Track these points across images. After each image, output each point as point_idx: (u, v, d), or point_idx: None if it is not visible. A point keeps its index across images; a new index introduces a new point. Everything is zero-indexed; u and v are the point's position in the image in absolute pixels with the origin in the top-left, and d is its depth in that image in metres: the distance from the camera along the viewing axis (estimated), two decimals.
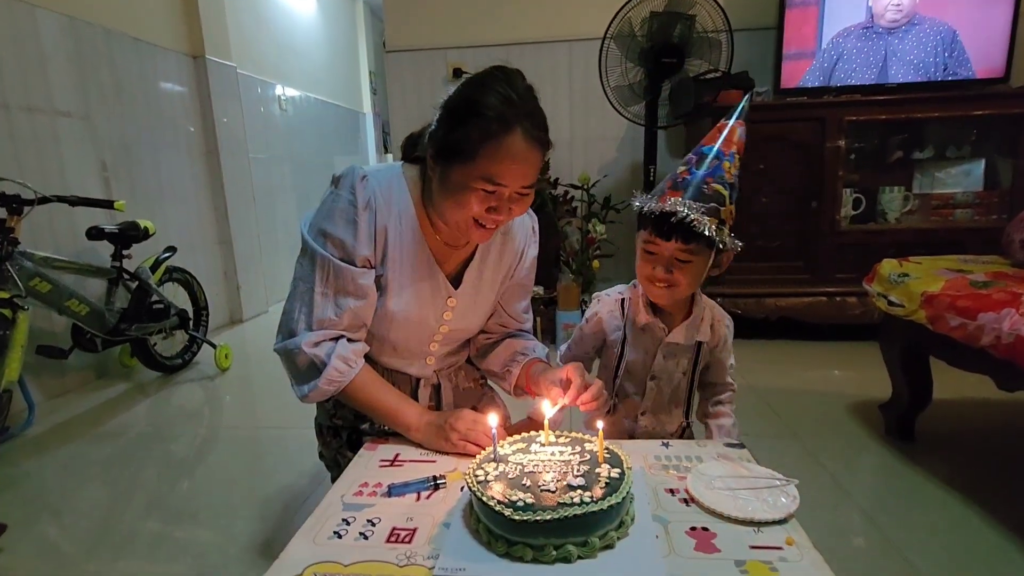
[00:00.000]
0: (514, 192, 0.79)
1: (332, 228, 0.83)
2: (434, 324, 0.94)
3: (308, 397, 0.86)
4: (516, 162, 0.76)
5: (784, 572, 0.58)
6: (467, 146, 0.76)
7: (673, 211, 0.80)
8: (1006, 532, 1.06)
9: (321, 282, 0.84)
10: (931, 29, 2.27)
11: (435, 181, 0.83)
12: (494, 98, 0.75)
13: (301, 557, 0.63)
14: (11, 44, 1.82)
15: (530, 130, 0.76)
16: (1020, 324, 0.93)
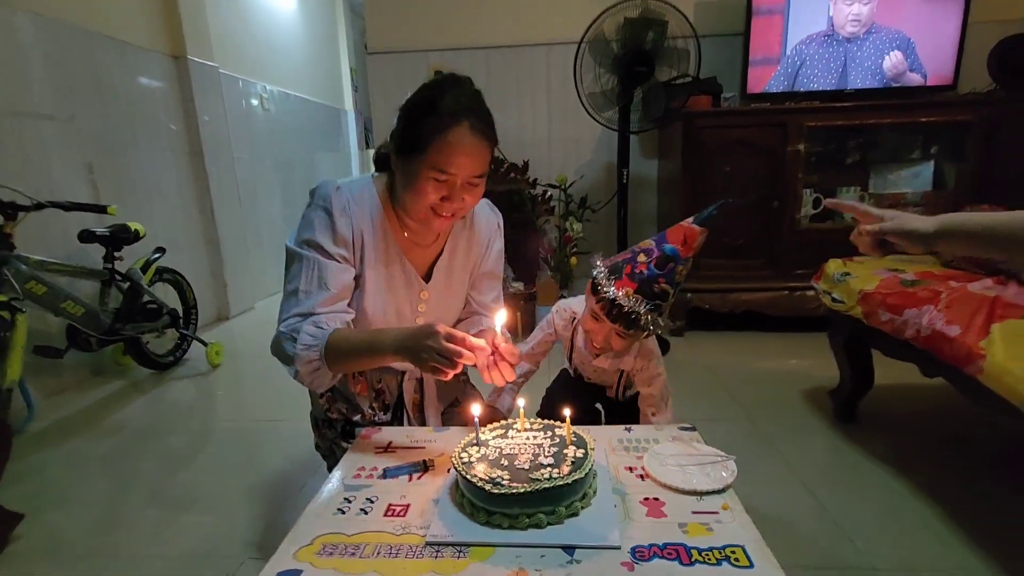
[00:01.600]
0: (464, 181, 0.90)
1: (312, 235, 0.94)
2: (410, 316, 1.06)
3: (298, 374, 0.91)
4: (463, 153, 0.87)
5: (718, 531, 0.70)
6: (421, 140, 0.87)
7: (629, 306, 0.94)
8: (929, 500, 1.20)
9: (306, 280, 0.93)
10: (887, 37, 2.42)
11: (398, 175, 0.94)
12: (445, 98, 0.87)
13: (310, 529, 0.73)
14: None
15: (476, 124, 0.87)
16: (936, 319, 1.07)
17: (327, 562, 0.67)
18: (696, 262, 1.04)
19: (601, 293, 0.96)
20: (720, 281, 2.41)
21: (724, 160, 2.31)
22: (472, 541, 0.69)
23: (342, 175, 4.85)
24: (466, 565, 0.65)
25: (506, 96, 2.81)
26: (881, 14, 2.38)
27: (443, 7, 2.74)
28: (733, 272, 2.41)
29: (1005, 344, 0.91)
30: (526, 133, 2.82)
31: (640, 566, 0.64)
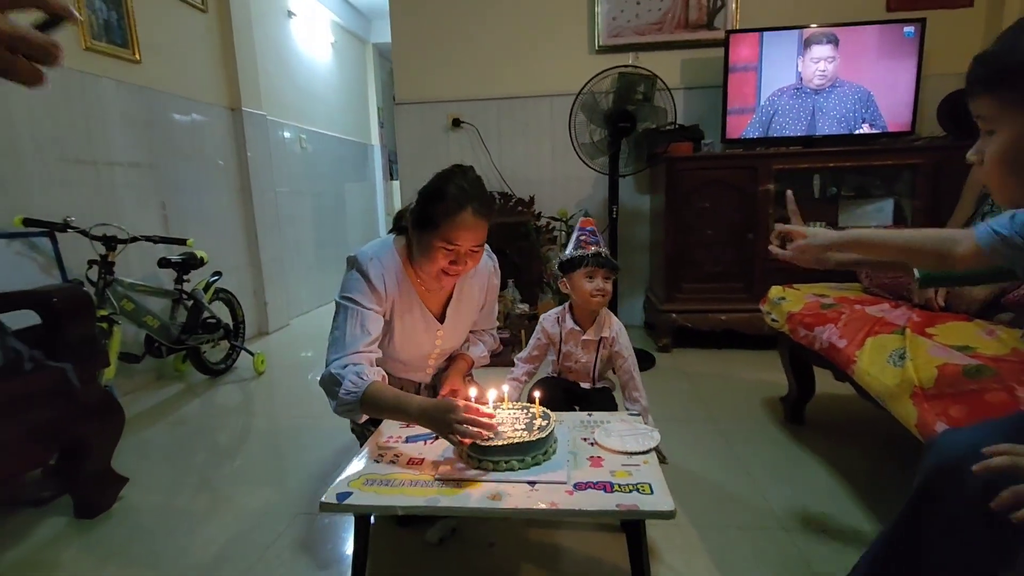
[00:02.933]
0: (468, 250, 1.19)
1: (354, 294, 1.25)
2: (428, 349, 1.40)
3: (337, 409, 1.18)
4: (467, 229, 1.16)
5: (635, 475, 1.02)
6: (433, 219, 1.17)
7: (601, 252, 1.40)
8: (842, 479, 1.48)
9: (351, 327, 1.21)
10: (850, 91, 2.73)
11: (415, 245, 1.25)
12: (452, 187, 1.18)
13: (355, 472, 1.07)
14: (91, 110, 2.28)
15: (478, 208, 1.17)
16: (833, 335, 1.37)
17: (369, 488, 1.00)
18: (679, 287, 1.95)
19: (580, 256, 1.41)
20: (702, 303, 2.71)
21: (702, 197, 2.64)
22: (466, 478, 1.01)
23: (368, 204, 5.29)
24: (462, 491, 0.98)
25: (515, 139, 3.18)
26: (844, 70, 2.71)
27: (460, 64, 3.14)
28: (713, 295, 2.71)
29: (870, 352, 1.21)
30: (532, 171, 3.18)
31: (577, 493, 0.96)
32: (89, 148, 2.25)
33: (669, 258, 2.71)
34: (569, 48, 3.08)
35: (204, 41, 2.94)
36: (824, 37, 2.68)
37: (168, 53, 2.67)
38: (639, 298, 3.27)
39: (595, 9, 3.02)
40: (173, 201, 2.70)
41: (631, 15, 3.02)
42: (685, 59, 3.04)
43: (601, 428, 1.19)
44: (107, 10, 2.34)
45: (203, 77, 2.93)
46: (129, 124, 2.45)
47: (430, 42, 3.15)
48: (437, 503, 0.95)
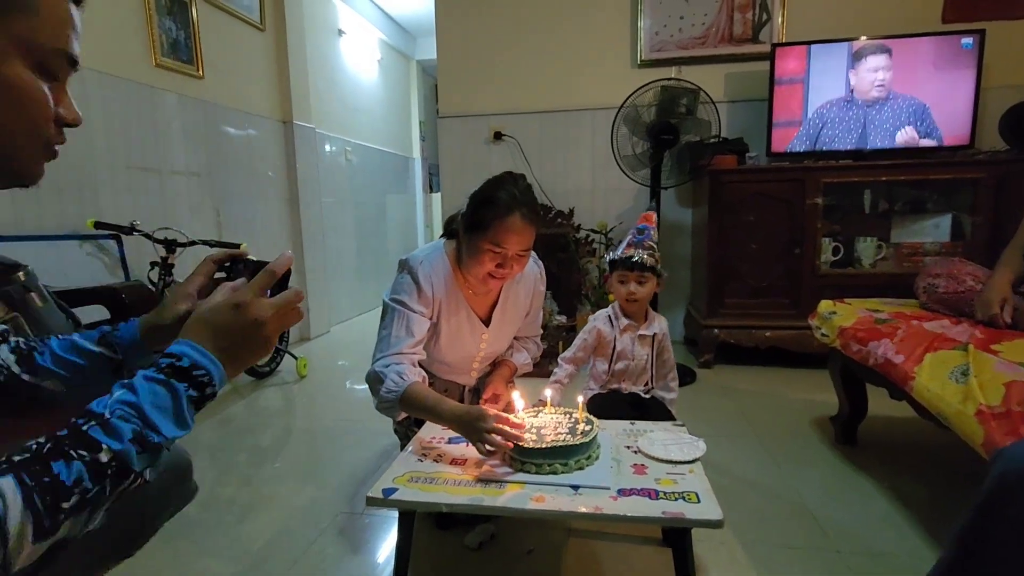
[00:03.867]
0: (515, 253, 1.21)
1: (403, 296, 1.29)
2: (473, 351, 1.42)
3: (379, 406, 1.23)
4: (515, 233, 1.19)
5: (681, 483, 1.00)
6: (483, 223, 1.20)
7: (635, 256, 1.40)
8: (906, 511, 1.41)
9: (396, 327, 1.28)
10: (904, 103, 2.65)
11: (464, 246, 1.28)
12: (503, 192, 1.21)
13: (400, 468, 1.08)
14: (158, 122, 2.42)
15: (526, 214, 1.20)
16: (889, 350, 1.31)
17: (413, 485, 1.01)
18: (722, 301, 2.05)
19: (618, 258, 1.44)
20: (746, 319, 2.64)
21: (747, 211, 2.59)
22: (509, 479, 1.01)
23: (408, 216, 5.39)
24: (505, 492, 0.98)
25: (555, 152, 3.21)
26: (898, 82, 2.63)
27: (503, 79, 3.20)
28: (758, 311, 2.64)
29: (930, 368, 1.16)
30: (572, 184, 3.20)
31: (621, 498, 0.95)
32: (154, 157, 2.39)
33: (712, 272, 2.66)
34: (611, 62, 3.10)
35: (261, 58, 3.09)
36: (877, 48, 2.62)
37: (227, 69, 2.82)
38: (680, 313, 3.22)
39: (638, 24, 3.04)
40: (226, 208, 2.83)
41: (674, 29, 3.02)
42: (729, 72, 3.01)
43: (645, 436, 1.18)
44: (176, 29, 2.50)
45: (258, 91, 3.08)
46: (189, 135, 2.59)
47: (474, 57, 3.22)
48: (480, 502, 0.95)
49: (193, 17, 2.57)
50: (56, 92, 0.53)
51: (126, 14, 2.24)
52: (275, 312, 0.58)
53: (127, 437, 0.48)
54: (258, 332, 0.57)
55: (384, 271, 4.52)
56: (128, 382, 0.52)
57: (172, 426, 0.51)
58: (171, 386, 0.51)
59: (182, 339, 0.55)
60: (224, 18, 2.80)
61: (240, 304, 0.56)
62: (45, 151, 0.54)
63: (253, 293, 0.57)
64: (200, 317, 0.57)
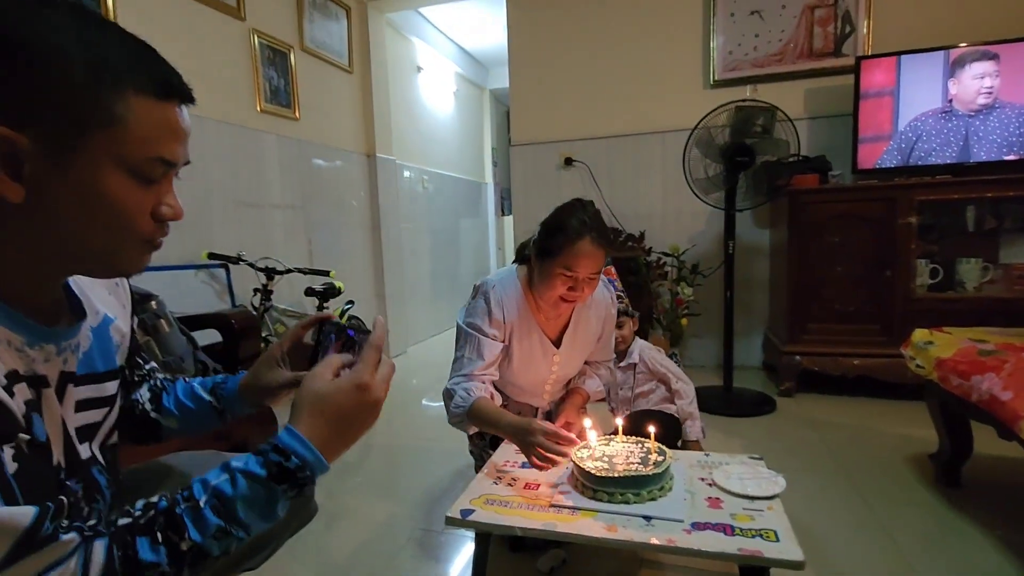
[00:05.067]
0: (586, 277, 1.25)
1: (476, 320, 1.37)
2: (545, 374, 1.46)
3: (450, 420, 1.35)
4: (586, 258, 1.23)
5: (759, 520, 0.98)
6: (555, 248, 1.25)
7: None
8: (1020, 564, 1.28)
9: (469, 350, 1.36)
10: (1012, 112, 2.44)
11: (536, 270, 1.33)
12: (574, 219, 1.26)
13: (476, 490, 1.13)
14: (261, 161, 2.68)
15: (595, 238, 1.25)
16: (995, 385, 1.21)
17: (489, 507, 1.06)
18: (805, 327, 2.20)
19: None
20: (831, 345, 2.50)
21: (831, 232, 2.47)
22: (581, 506, 1.04)
23: (481, 239, 5.56)
24: (577, 519, 1.01)
25: (625, 176, 3.22)
26: (1004, 90, 2.43)
27: (573, 105, 3.27)
28: (844, 337, 2.49)
29: None
30: (643, 207, 3.18)
31: (695, 532, 0.95)
32: (256, 193, 2.65)
33: (793, 296, 2.55)
34: (682, 84, 3.09)
35: (348, 97, 3.35)
36: (981, 55, 2.43)
37: (320, 110, 3.08)
38: (757, 338, 3.10)
39: (710, 44, 3.01)
40: (318, 238, 3.06)
41: (748, 48, 2.97)
42: (809, 88, 2.91)
43: (720, 469, 1.16)
44: (277, 77, 2.77)
45: (345, 128, 3.33)
46: (285, 172, 2.85)
47: (545, 86, 3.32)
48: (554, 528, 0.98)
49: (291, 65, 2.84)
50: (157, 191, 0.53)
51: (237, 67, 2.52)
52: (387, 388, 0.59)
53: (210, 531, 0.49)
54: (374, 410, 0.58)
55: (457, 293, 4.68)
56: (232, 468, 0.52)
57: (260, 521, 0.52)
58: (270, 488, 0.52)
59: (295, 427, 0.54)
60: (318, 64, 3.07)
61: (363, 386, 0.56)
62: (145, 247, 0.55)
63: (372, 372, 0.57)
64: (319, 397, 0.56)
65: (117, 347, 0.65)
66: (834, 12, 2.84)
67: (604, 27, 3.18)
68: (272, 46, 2.72)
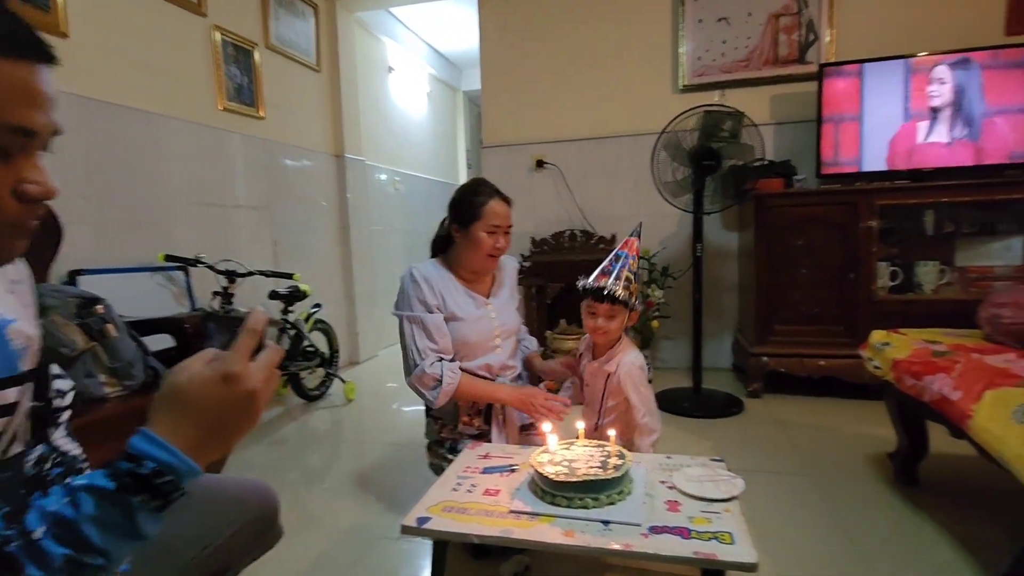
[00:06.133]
0: (503, 229, 1.48)
1: (410, 302, 1.47)
2: (487, 324, 1.54)
3: (438, 400, 1.41)
4: (500, 213, 1.47)
5: (716, 522, 0.97)
6: (474, 214, 1.46)
7: (605, 288, 1.34)
8: (972, 561, 1.31)
9: (411, 329, 1.45)
10: (968, 121, 2.50)
11: (462, 243, 1.49)
12: (479, 188, 1.50)
13: (434, 497, 1.11)
14: (222, 161, 2.61)
15: (501, 197, 1.49)
16: (945, 386, 1.24)
17: (447, 515, 1.04)
18: (772, 328, 2.06)
19: (588, 287, 1.37)
20: (797, 347, 2.54)
21: (796, 235, 2.51)
22: (540, 512, 1.02)
23: None
24: (535, 525, 0.99)
25: (596, 178, 3.23)
26: (960, 98, 2.50)
27: (545, 108, 3.27)
28: (810, 338, 2.53)
29: (990, 407, 1.08)
30: (614, 209, 3.20)
31: (653, 536, 0.94)
32: (218, 193, 2.58)
33: (760, 298, 2.59)
34: (652, 88, 3.11)
35: (316, 96, 3.29)
36: (936, 64, 2.51)
37: (286, 109, 3.02)
38: (727, 340, 3.13)
39: (679, 49, 3.04)
40: (283, 239, 3.00)
41: (716, 54, 3.01)
42: (774, 94, 2.96)
43: (680, 471, 1.16)
44: (240, 75, 2.70)
45: (313, 128, 3.27)
46: (250, 172, 2.78)
47: (516, 88, 3.31)
48: (510, 535, 0.96)
49: (256, 63, 2.78)
50: (15, 167, 0.47)
51: (196, 64, 2.45)
52: (266, 378, 0.50)
53: (56, 564, 0.42)
54: (251, 405, 0.49)
55: None
56: (73, 487, 0.44)
57: (122, 542, 0.45)
58: (123, 502, 0.44)
59: (150, 428, 0.46)
60: (283, 62, 3.01)
61: (231, 376, 0.47)
62: (13, 232, 0.49)
63: (244, 360, 0.49)
64: (179, 391, 0.47)
65: (20, 351, 0.57)
66: (798, 20, 2.90)
67: (576, 30, 3.19)
68: (235, 43, 2.65)
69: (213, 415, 0.48)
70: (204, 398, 0.47)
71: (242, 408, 0.49)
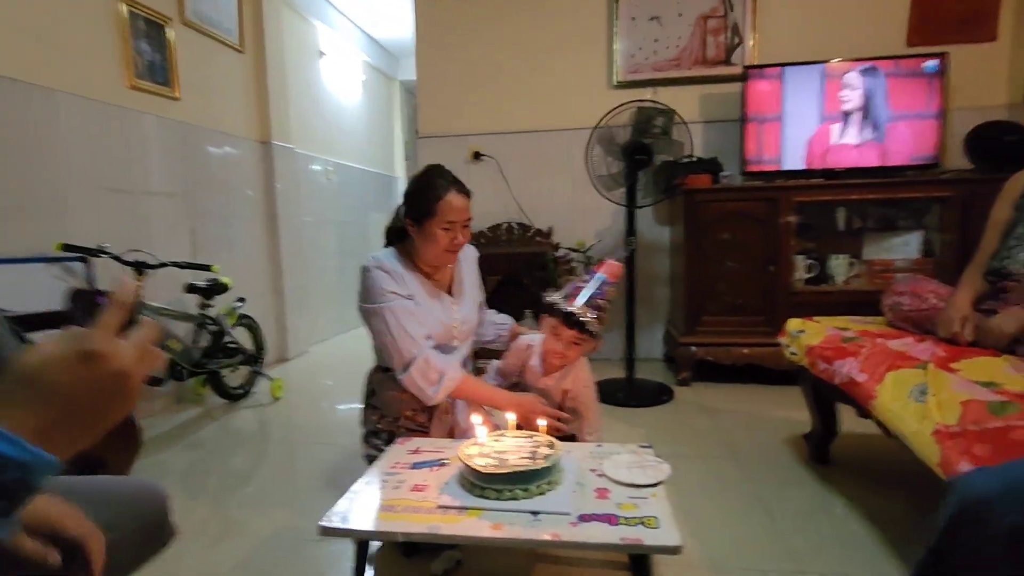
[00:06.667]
0: (461, 224, 1.39)
1: (384, 293, 1.38)
2: (447, 319, 1.48)
3: (437, 396, 1.34)
4: (457, 207, 1.37)
5: (643, 507, 0.99)
6: (429, 209, 1.37)
7: (576, 315, 1.30)
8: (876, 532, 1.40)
9: (396, 319, 1.35)
10: (873, 123, 2.70)
11: (417, 238, 1.41)
12: (436, 180, 1.40)
13: (358, 495, 1.06)
14: (132, 143, 2.40)
15: (460, 188, 1.40)
16: (853, 369, 1.32)
17: (370, 512, 0.99)
18: (700, 319, 2.03)
19: (558, 308, 1.31)
20: (723, 336, 2.65)
21: (722, 229, 2.61)
22: (468, 505, 1.00)
23: None
24: (463, 520, 0.96)
25: (534, 171, 3.23)
26: (867, 103, 2.69)
27: (482, 99, 3.24)
28: (735, 328, 2.65)
29: (892, 388, 1.16)
30: (551, 203, 3.22)
31: (581, 524, 0.93)
32: (127, 178, 2.37)
33: (689, 290, 2.68)
34: (588, 84, 3.15)
35: (240, 79, 3.10)
36: (848, 70, 2.68)
37: (206, 90, 2.82)
38: (659, 331, 3.23)
39: (613, 46, 3.09)
40: (203, 229, 2.80)
41: (649, 52, 3.08)
42: (704, 94, 3.07)
43: (610, 459, 1.17)
44: (151, 51, 2.50)
45: (237, 112, 3.08)
46: (166, 156, 2.58)
47: (452, 78, 3.25)
48: (437, 531, 0.93)
49: (169, 39, 2.57)
50: None
51: (99, 36, 2.24)
52: (138, 355, 0.44)
53: None
54: (120, 387, 0.43)
55: None
56: None
57: None
58: None
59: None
60: (202, 40, 2.81)
61: (91, 354, 0.42)
62: None
63: (108, 337, 0.43)
64: (28, 379, 0.41)
65: None
66: (725, 23, 3.02)
67: (513, 23, 3.17)
68: (145, 16, 2.44)
69: (73, 399, 0.42)
70: (60, 382, 0.41)
71: (109, 390, 0.43)
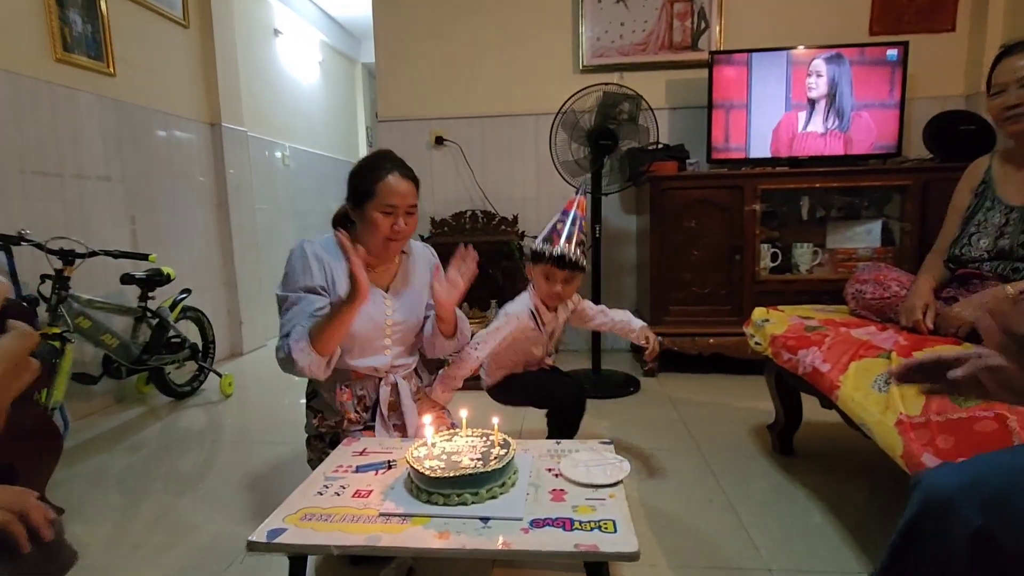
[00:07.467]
0: (404, 210, 1.28)
1: (293, 284, 1.29)
2: (380, 319, 1.35)
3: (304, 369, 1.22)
4: (399, 191, 1.27)
5: (600, 510, 0.92)
6: (368, 191, 1.27)
7: (566, 255, 1.39)
8: (839, 524, 1.39)
9: (292, 313, 1.26)
10: (836, 112, 2.70)
11: (358, 223, 1.33)
12: (378, 162, 1.31)
13: (295, 503, 0.97)
14: (60, 122, 2.21)
15: (403, 171, 1.30)
16: (817, 359, 1.29)
17: (306, 524, 0.91)
18: (666, 309, 2.24)
19: (548, 253, 1.40)
20: (689, 326, 2.63)
21: (689, 217, 2.58)
22: (413, 512, 0.92)
23: None
24: (406, 528, 0.89)
25: (498, 158, 3.14)
26: (830, 91, 2.68)
27: (444, 83, 3.12)
28: (701, 318, 2.63)
29: (854, 377, 1.13)
30: (516, 190, 3.13)
31: (534, 531, 0.87)
32: (56, 160, 2.18)
33: (655, 279, 2.64)
34: (553, 68, 3.06)
35: (184, 56, 2.91)
36: (812, 57, 2.66)
37: (146, 67, 2.63)
38: None
39: (579, 30, 3.01)
40: (144, 216, 2.62)
41: (615, 36, 3.01)
42: (670, 80, 3.02)
43: (567, 457, 1.10)
44: (81, 22, 2.30)
45: (182, 92, 2.89)
46: (100, 137, 2.39)
47: (414, 60, 3.12)
48: (377, 542, 0.85)
49: (102, 10, 2.38)
50: None
51: (20, 3, 2.04)
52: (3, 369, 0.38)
53: None
54: None
55: None
56: None
57: None
58: None
59: None
60: (140, 12, 2.61)
61: None
62: None
63: None
64: None
65: None
66: (691, 7, 2.97)
67: (478, 2, 3.05)
68: None
69: None
70: None
71: None
